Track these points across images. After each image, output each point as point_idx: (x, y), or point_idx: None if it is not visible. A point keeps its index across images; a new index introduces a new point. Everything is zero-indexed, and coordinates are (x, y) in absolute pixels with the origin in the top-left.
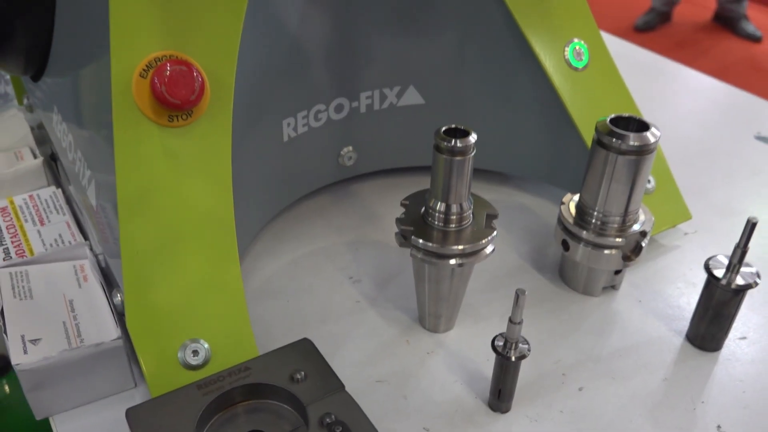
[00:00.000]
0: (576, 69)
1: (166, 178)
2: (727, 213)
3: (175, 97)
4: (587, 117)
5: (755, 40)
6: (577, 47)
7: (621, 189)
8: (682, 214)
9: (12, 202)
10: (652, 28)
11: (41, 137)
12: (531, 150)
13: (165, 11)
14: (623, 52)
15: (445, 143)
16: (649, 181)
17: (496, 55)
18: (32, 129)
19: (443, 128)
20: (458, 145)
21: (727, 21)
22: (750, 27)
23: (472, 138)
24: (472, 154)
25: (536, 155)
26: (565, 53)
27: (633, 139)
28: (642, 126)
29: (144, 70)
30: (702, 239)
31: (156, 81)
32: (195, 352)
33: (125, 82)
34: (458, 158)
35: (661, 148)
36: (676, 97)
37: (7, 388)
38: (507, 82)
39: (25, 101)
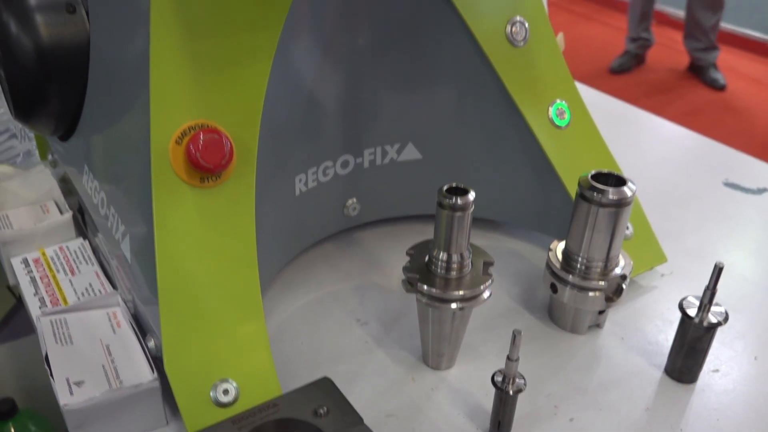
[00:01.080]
0: (559, 127)
1: (198, 234)
2: (699, 255)
3: (208, 162)
4: (570, 170)
5: (718, 88)
6: (560, 107)
7: (602, 237)
8: (658, 258)
9: (44, 254)
10: (627, 70)
11: (67, 190)
12: (520, 200)
13: (197, 85)
14: (598, 103)
15: (448, 200)
16: (627, 228)
17: (487, 115)
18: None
19: (445, 187)
20: (459, 202)
21: (696, 69)
22: (717, 76)
23: (471, 196)
24: (471, 209)
25: (525, 205)
26: (549, 113)
27: (612, 194)
28: (620, 181)
29: (179, 137)
30: (677, 280)
31: (191, 148)
32: (225, 391)
33: (163, 149)
34: (459, 214)
35: (638, 197)
36: (648, 146)
37: (12, 430)
38: (497, 139)
39: (49, 157)
